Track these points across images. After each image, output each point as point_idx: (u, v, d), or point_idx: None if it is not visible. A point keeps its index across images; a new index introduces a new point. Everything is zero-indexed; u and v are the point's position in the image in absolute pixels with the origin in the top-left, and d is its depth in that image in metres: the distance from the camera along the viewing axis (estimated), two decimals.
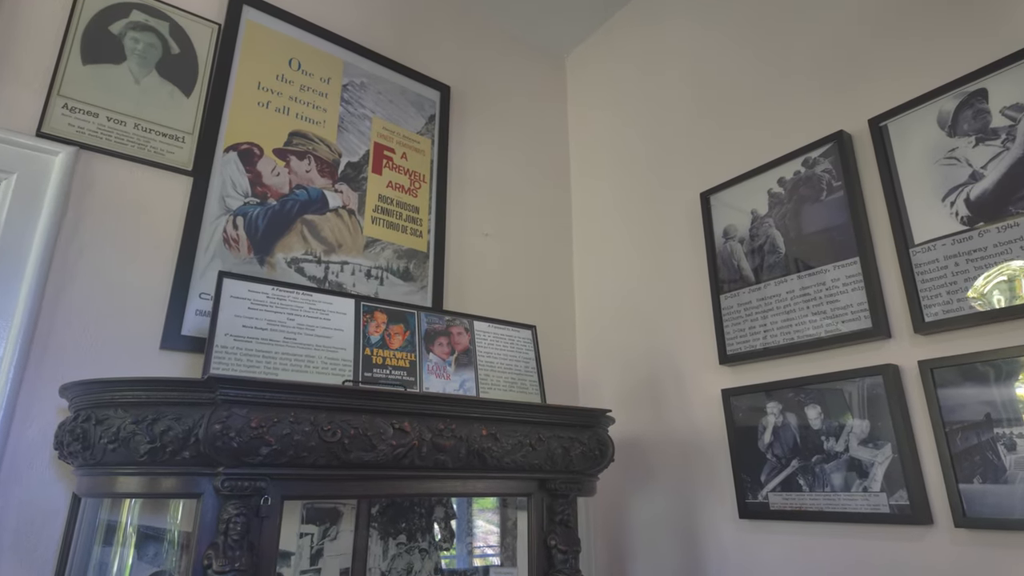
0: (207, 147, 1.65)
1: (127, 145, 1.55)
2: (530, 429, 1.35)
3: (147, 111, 1.59)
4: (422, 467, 1.21)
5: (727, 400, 1.69)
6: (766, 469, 1.58)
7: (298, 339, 1.26)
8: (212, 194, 1.63)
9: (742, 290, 1.72)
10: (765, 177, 1.74)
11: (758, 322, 1.67)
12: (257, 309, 1.24)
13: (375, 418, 1.16)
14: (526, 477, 1.37)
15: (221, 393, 1.04)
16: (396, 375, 1.35)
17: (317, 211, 1.79)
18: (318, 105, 1.89)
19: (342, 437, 1.12)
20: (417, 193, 2.03)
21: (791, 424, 1.55)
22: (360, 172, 1.92)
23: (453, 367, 1.45)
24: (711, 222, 1.85)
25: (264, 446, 1.05)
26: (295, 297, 1.30)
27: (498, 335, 1.60)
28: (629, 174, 2.23)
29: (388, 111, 2.04)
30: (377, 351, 1.35)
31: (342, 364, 1.29)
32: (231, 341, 1.18)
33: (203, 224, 1.60)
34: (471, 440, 1.26)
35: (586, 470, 1.44)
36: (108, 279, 1.45)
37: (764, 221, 1.72)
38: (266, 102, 1.79)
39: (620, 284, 2.16)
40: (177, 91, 1.65)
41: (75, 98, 1.50)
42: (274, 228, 1.70)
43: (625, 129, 2.29)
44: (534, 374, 1.58)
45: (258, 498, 1.07)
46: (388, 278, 1.87)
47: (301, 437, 1.08)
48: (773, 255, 1.67)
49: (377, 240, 1.89)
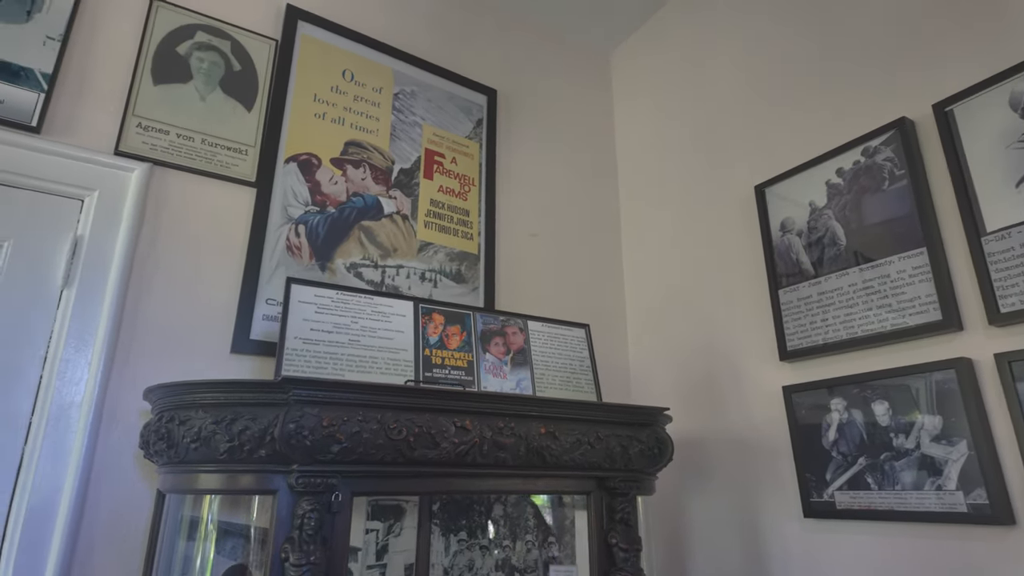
0: (269, 159, 1.72)
1: (196, 160, 1.63)
2: (588, 427, 1.36)
3: (212, 127, 1.67)
4: (483, 464, 1.23)
5: (788, 397, 1.66)
6: (831, 467, 1.54)
7: (361, 341, 1.30)
8: (275, 204, 1.70)
9: (801, 284, 1.69)
10: (823, 168, 1.70)
11: (819, 317, 1.63)
12: (323, 313, 1.29)
13: (438, 417, 1.19)
14: (585, 475, 1.37)
15: (294, 394, 1.09)
16: (455, 375, 1.38)
17: (373, 217, 1.84)
18: (371, 115, 1.94)
19: (407, 435, 1.15)
20: (467, 196, 2.06)
21: (857, 421, 1.51)
22: (412, 178, 1.96)
23: (509, 366, 1.47)
24: (767, 215, 1.81)
25: (335, 444, 1.09)
26: (357, 300, 1.35)
27: (552, 334, 1.61)
28: (679, 169, 2.21)
29: (437, 117, 2.08)
30: (436, 352, 1.39)
31: (403, 365, 1.33)
32: (300, 344, 1.23)
33: (267, 233, 1.66)
34: (530, 438, 1.27)
35: (645, 468, 1.43)
36: (182, 288, 1.53)
37: (823, 213, 1.67)
38: (322, 113, 1.85)
39: (672, 281, 2.14)
40: (239, 106, 1.73)
41: (148, 117, 1.59)
42: (333, 235, 1.76)
43: (673, 123, 2.27)
44: (589, 373, 1.59)
45: (330, 494, 1.12)
46: (441, 280, 1.91)
47: (369, 435, 1.12)
48: (833, 248, 1.63)
49: (430, 243, 1.93)
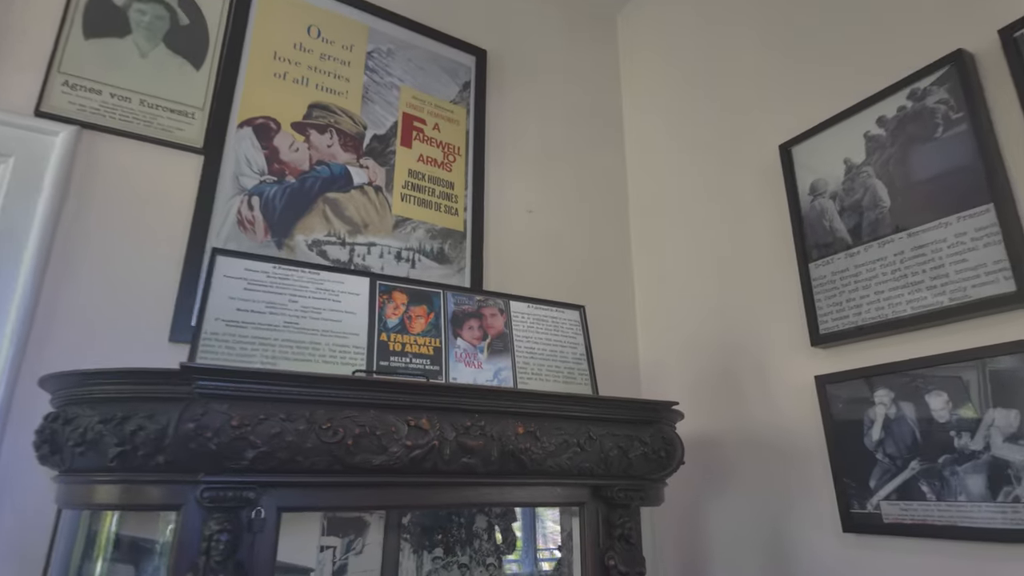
0: (219, 123, 1.52)
1: (132, 123, 1.43)
2: (578, 426, 1.12)
3: (154, 86, 1.47)
4: (446, 472, 1.00)
5: (822, 388, 1.40)
6: (876, 472, 1.28)
7: (301, 323, 1.08)
8: (225, 173, 1.49)
9: (836, 255, 1.43)
10: (860, 119, 1.44)
11: (858, 293, 1.37)
12: (254, 290, 1.07)
13: (386, 414, 0.97)
14: (576, 483, 1.14)
15: (198, 386, 0.87)
16: (417, 364, 1.16)
17: (340, 188, 1.63)
18: (340, 75, 1.73)
19: (345, 437, 0.93)
20: (451, 167, 1.83)
21: (908, 416, 1.25)
22: (387, 145, 1.74)
23: (486, 354, 1.24)
24: (794, 178, 1.56)
25: (249, 448, 0.87)
26: (299, 276, 1.13)
27: (540, 317, 1.37)
28: (691, 135, 1.95)
29: (418, 79, 1.86)
30: (395, 337, 1.16)
31: (353, 352, 1.11)
32: (221, 327, 1.01)
33: (215, 205, 1.46)
34: (505, 439, 1.04)
35: (649, 474, 1.19)
36: (113, 267, 1.33)
37: (861, 171, 1.41)
38: (283, 73, 1.64)
39: (686, 259, 1.89)
40: (187, 64, 1.53)
41: (76, 74, 1.39)
42: (293, 208, 1.55)
43: (685, 85, 2.02)
44: (583, 362, 1.35)
45: (247, 510, 0.90)
46: (421, 260, 1.68)
47: (294, 438, 0.90)
48: (875, 211, 1.37)
49: (408, 219, 1.71)
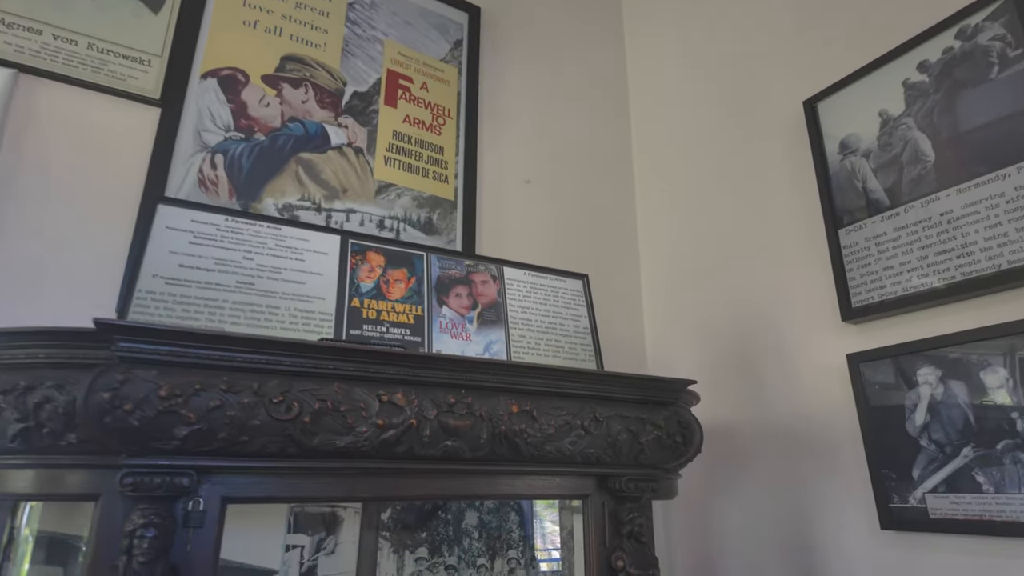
0: (179, 72, 1.35)
1: (78, 68, 1.26)
2: (581, 405, 0.96)
3: (104, 29, 1.31)
4: (425, 457, 0.85)
5: (856, 368, 1.24)
6: (920, 461, 1.13)
7: (256, 284, 0.92)
8: (185, 128, 1.33)
9: (872, 219, 1.27)
10: (897, 65, 1.28)
11: (897, 260, 1.21)
12: (201, 244, 0.91)
13: (353, 387, 0.81)
14: (579, 472, 0.98)
15: (120, 348, 0.71)
16: (395, 334, 0.99)
17: (316, 149, 1.47)
18: (318, 25, 1.57)
19: (301, 413, 0.77)
20: (441, 131, 1.67)
21: (958, 397, 1.09)
22: (370, 104, 1.58)
23: (475, 325, 1.08)
24: (820, 136, 1.40)
25: (180, 425, 0.71)
26: (256, 230, 0.97)
27: (537, 286, 1.21)
28: (704, 94, 1.80)
29: (404, 34, 1.69)
30: (370, 303, 1.00)
31: (319, 319, 0.95)
32: (160, 284, 0.85)
33: (173, 163, 1.30)
34: (496, 419, 0.88)
35: (663, 463, 1.03)
36: (54, 232, 1.17)
37: (900, 123, 1.25)
38: (253, 21, 1.48)
39: (697, 228, 1.73)
40: (143, 6, 1.36)
41: (13, 12, 1.23)
42: (262, 168, 1.39)
43: (696, 40, 1.86)
44: (587, 336, 1.19)
45: (183, 500, 0.74)
46: (406, 230, 1.52)
47: (238, 412, 0.74)
48: (917, 166, 1.21)
49: (392, 185, 1.54)
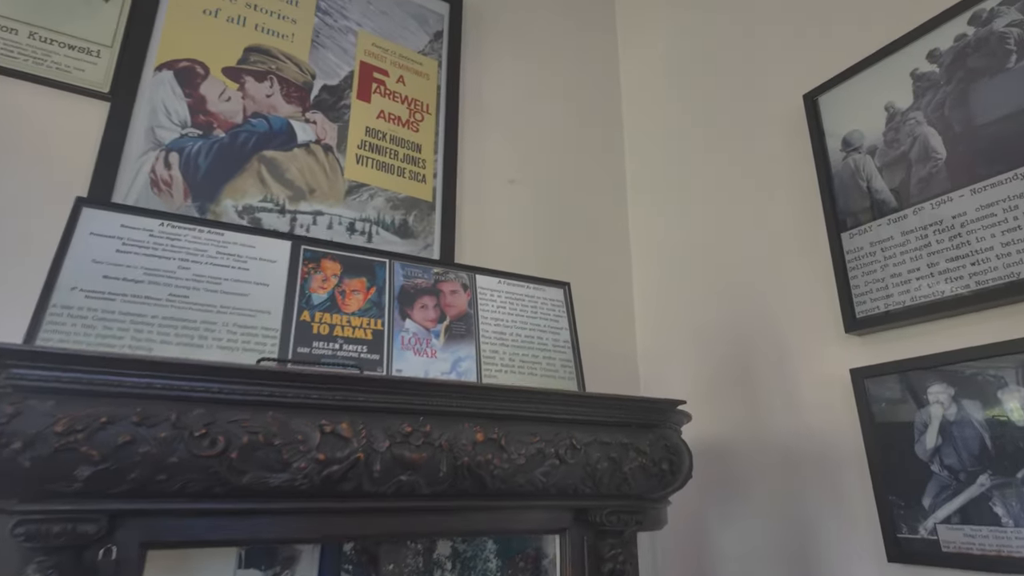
0: (132, 64, 1.26)
1: (18, 59, 1.17)
2: (557, 431, 0.86)
3: (48, 17, 1.21)
4: (376, 495, 0.75)
5: (860, 384, 1.15)
6: (931, 488, 1.03)
7: (192, 297, 0.82)
8: (137, 124, 1.23)
9: (877, 222, 1.17)
10: (905, 55, 1.18)
11: (905, 267, 1.11)
12: (131, 252, 0.82)
13: (291, 416, 0.71)
14: (554, 505, 0.88)
15: (11, 375, 0.62)
16: (349, 351, 0.90)
17: (281, 146, 1.37)
18: (285, 15, 1.47)
19: (228, 448, 0.67)
20: (419, 127, 1.57)
21: (973, 418, 1.00)
22: (341, 98, 1.48)
23: (442, 340, 0.98)
24: (821, 132, 1.30)
25: (83, 464, 0.62)
26: (196, 236, 0.87)
27: (514, 295, 1.11)
28: (698, 88, 1.70)
29: (379, 24, 1.60)
30: (322, 316, 0.90)
31: (262, 335, 0.85)
32: (79, 298, 0.76)
33: (122, 162, 1.20)
34: (457, 449, 0.79)
35: (649, 493, 0.94)
36: None
37: (908, 117, 1.16)
38: (214, 10, 1.38)
39: (692, 233, 1.63)
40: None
41: None
42: (221, 167, 1.29)
43: (688, 31, 1.76)
44: (567, 350, 1.09)
45: (90, 548, 0.65)
46: (379, 233, 1.42)
47: (153, 448, 0.64)
48: (927, 164, 1.11)
49: (364, 185, 1.45)
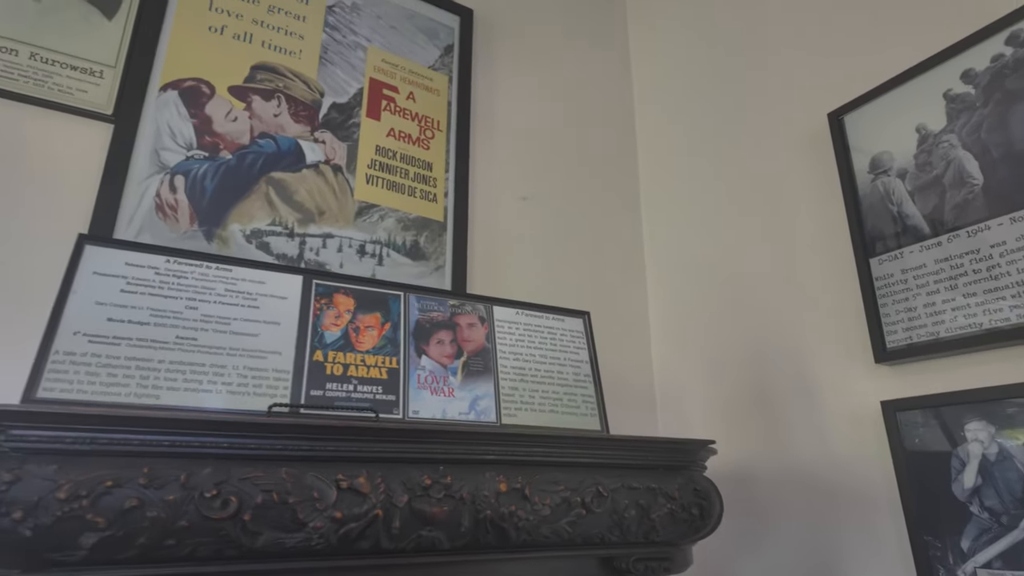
0: (136, 84, 1.22)
1: (18, 81, 1.13)
2: (583, 477, 0.82)
3: (50, 38, 1.18)
4: (394, 551, 0.71)
5: (892, 417, 1.10)
6: (970, 530, 0.98)
7: (201, 339, 0.78)
8: (141, 146, 1.20)
9: (909, 248, 1.13)
10: (937, 74, 1.14)
11: (939, 296, 1.07)
12: (136, 292, 0.78)
13: (305, 472, 0.67)
14: (580, 555, 0.84)
15: (10, 437, 0.58)
16: (364, 393, 0.86)
17: (289, 167, 1.33)
18: (293, 31, 1.43)
19: (241, 510, 0.63)
20: (429, 144, 1.53)
21: (1016, 458, 0.95)
22: (350, 116, 1.44)
23: (459, 377, 0.94)
24: (848, 153, 1.26)
25: (87, 532, 0.58)
26: (203, 273, 0.83)
27: (532, 327, 1.07)
28: (715, 105, 1.66)
29: (389, 39, 1.56)
30: (336, 356, 0.86)
31: (274, 378, 0.81)
32: (82, 343, 0.72)
33: (127, 186, 1.16)
34: (480, 501, 0.74)
35: (677, 539, 0.89)
36: None
37: (941, 140, 1.11)
38: (220, 27, 1.35)
39: (710, 256, 1.59)
40: (94, 11, 1.23)
41: None
42: (228, 190, 1.25)
43: (705, 46, 1.72)
44: (588, 384, 1.05)
45: None
46: (389, 255, 1.38)
47: (161, 512, 0.60)
48: (962, 190, 1.07)
49: (374, 206, 1.41)
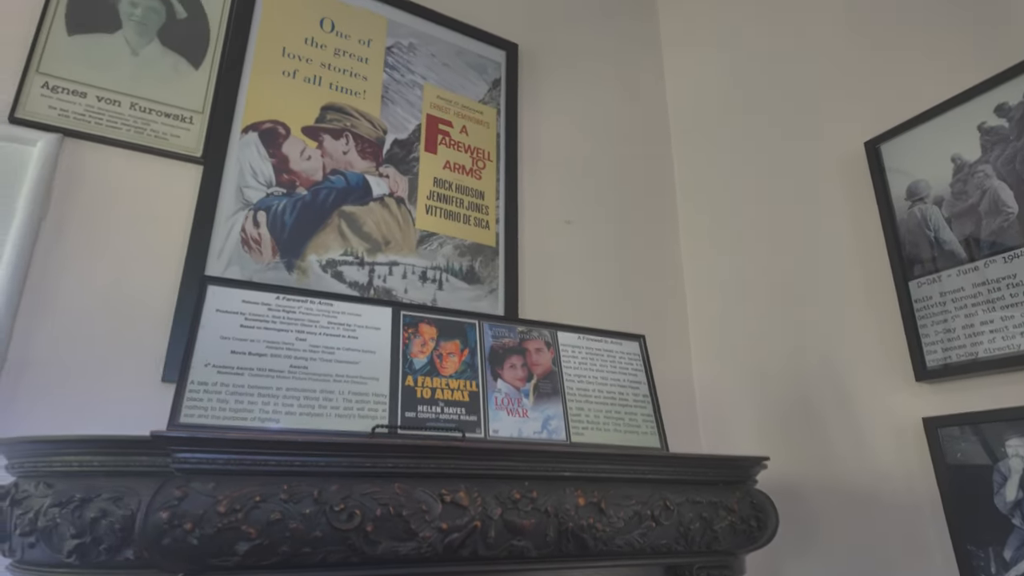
0: (220, 128, 1.34)
1: (121, 129, 1.25)
2: (651, 492, 0.91)
3: (146, 88, 1.30)
4: (489, 558, 0.80)
5: (933, 434, 1.17)
6: (1013, 541, 1.04)
7: (310, 367, 0.89)
8: (227, 185, 1.31)
9: (947, 272, 1.19)
10: (971, 107, 1.21)
11: (978, 318, 1.13)
12: (253, 326, 0.88)
13: (415, 487, 0.76)
14: (647, 563, 0.92)
15: (176, 459, 0.68)
16: (450, 414, 0.95)
17: (358, 201, 1.44)
18: (357, 72, 1.54)
19: (363, 521, 0.72)
20: (481, 175, 1.63)
21: None
22: (410, 151, 1.55)
23: (532, 399, 1.03)
24: (885, 180, 1.33)
25: (241, 540, 0.67)
26: (308, 307, 0.93)
27: (593, 351, 1.16)
28: (751, 131, 1.73)
29: (443, 76, 1.66)
30: (424, 380, 0.96)
31: (374, 401, 0.91)
32: (212, 374, 0.82)
33: (216, 223, 1.28)
34: (562, 514, 0.83)
35: (737, 549, 0.97)
36: (97, 295, 1.15)
37: (976, 170, 1.18)
38: (292, 71, 1.46)
39: (749, 276, 1.66)
40: (183, 62, 1.35)
41: (58, 75, 1.22)
42: (305, 224, 1.36)
43: (741, 75, 1.80)
44: (647, 405, 1.13)
45: None
46: (448, 280, 1.48)
47: (300, 524, 0.70)
48: (997, 217, 1.13)
49: (433, 234, 1.51)
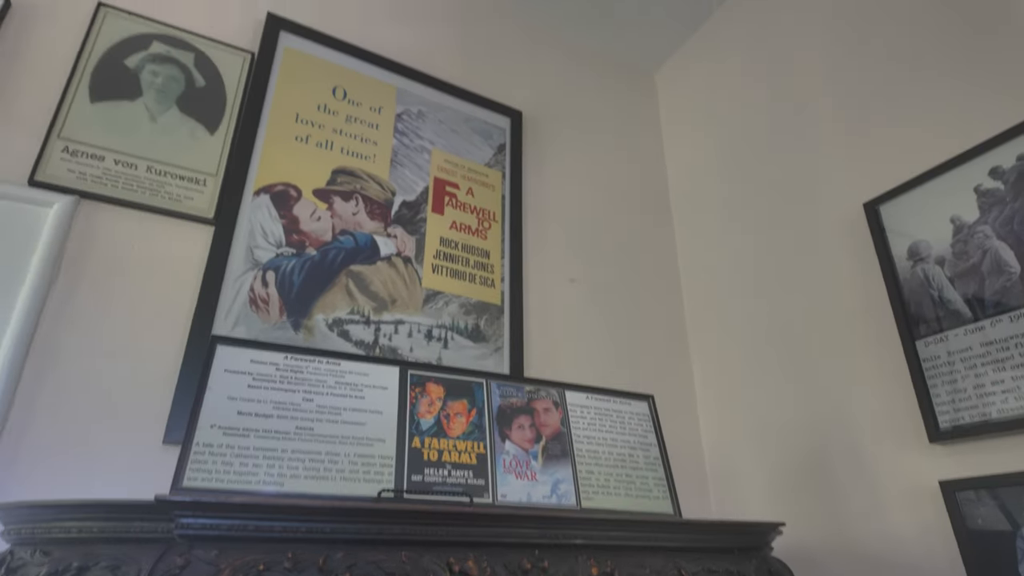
0: (233, 190, 1.37)
1: (136, 191, 1.28)
2: (665, 560, 0.87)
3: (163, 152, 1.34)
4: None
5: (951, 497, 1.14)
6: None
7: (316, 429, 0.87)
8: (237, 245, 1.33)
9: (953, 331, 1.19)
10: (966, 170, 1.24)
11: (988, 378, 1.13)
12: (260, 387, 0.87)
13: (422, 554, 0.74)
14: None
15: (179, 525, 0.66)
16: (457, 477, 0.93)
17: (366, 260, 1.45)
18: (367, 138, 1.59)
19: None
20: (487, 235, 1.66)
21: None
22: (418, 212, 1.58)
23: (540, 461, 1.01)
24: (886, 240, 1.35)
25: None
26: (316, 367, 0.93)
27: (602, 410, 1.15)
28: (749, 197, 1.77)
29: (450, 141, 1.72)
30: (431, 441, 0.94)
31: (380, 464, 0.89)
32: (218, 436, 0.81)
33: (225, 283, 1.29)
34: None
35: None
36: (102, 355, 1.15)
37: (976, 231, 1.20)
38: (305, 136, 1.51)
39: (755, 337, 1.66)
40: (200, 128, 1.40)
41: (78, 140, 1.26)
42: (313, 283, 1.37)
43: (740, 140, 1.85)
44: (658, 468, 1.11)
45: None
46: (454, 339, 1.48)
47: None
48: (1000, 277, 1.15)
49: (439, 293, 1.52)
